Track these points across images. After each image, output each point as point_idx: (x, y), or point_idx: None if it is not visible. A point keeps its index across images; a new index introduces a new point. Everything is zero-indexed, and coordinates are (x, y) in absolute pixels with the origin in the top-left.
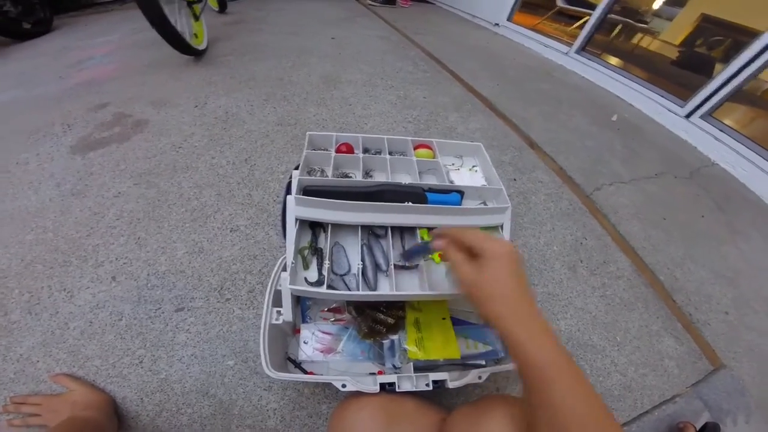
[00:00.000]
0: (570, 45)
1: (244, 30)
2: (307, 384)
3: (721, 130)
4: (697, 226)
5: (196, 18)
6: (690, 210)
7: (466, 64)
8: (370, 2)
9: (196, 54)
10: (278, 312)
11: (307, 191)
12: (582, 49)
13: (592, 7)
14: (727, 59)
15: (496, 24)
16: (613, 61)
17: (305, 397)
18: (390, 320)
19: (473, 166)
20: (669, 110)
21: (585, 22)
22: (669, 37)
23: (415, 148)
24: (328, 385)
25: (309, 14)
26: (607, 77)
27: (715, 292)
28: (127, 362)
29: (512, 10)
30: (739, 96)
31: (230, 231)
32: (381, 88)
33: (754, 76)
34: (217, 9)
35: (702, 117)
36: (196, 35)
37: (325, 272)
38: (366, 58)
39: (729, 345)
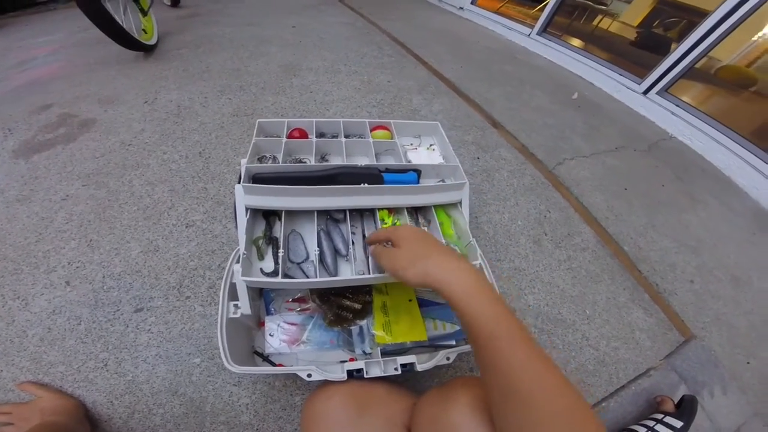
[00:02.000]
0: (532, 27)
1: (198, 22)
2: (277, 376)
3: (677, 105)
4: (658, 195)
5: (144, 13)
6: (650, 180)
7: (431, 47)
8: None
9: (145, 49)
10: (236, 306)
11: (257, 179)
12: (543, 31)
13: None
14: (681, 39)
15: (461, 8)
16: (575, 42)
17: (277, 390)
18: (357, 306)
19: (431, 145)
20: (627, 87)
21: (546, 4)
22: (628, 18)
23: (372, 130)
24: (299, 377)
25: (269, 4)
26: (568, 57)
27: (679, 261)
28: (91, 366)
29: None
30: (695, 75)
31: (186, 227)
32: (344, 74)
33: (704, 54)
34: (169, 3)
35: (658, 93)
36: (144, 30)
37: (280, 261)
38: (329, 45)
39: (697, 315)
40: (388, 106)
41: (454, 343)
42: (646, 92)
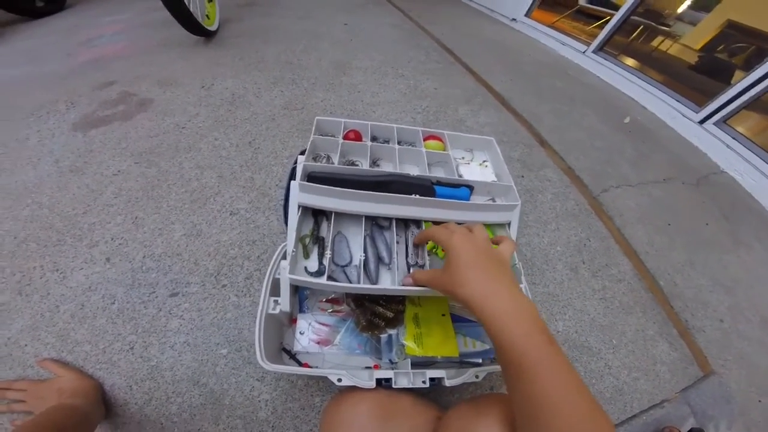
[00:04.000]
0: (588, 44)
1: (256, 13)
2: (300, 376)
3: (733, 138)
4: (701, 233)
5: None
6: (695, 217)
7: (480, 57)
8: None
9: (207, 35)
10: (275, 301)
11: (312, 178)
12: (600, 49)
13: (615, 7)
14: (748, 67)
15: (513, 19)
16: (630, 62)
17: (298, 389)
18: (389, 314)
19: (484, 161)
20: (683, 115)
21: (605, 22)
22: (690, 41)
23: (424, 139)
24: (323, 378)
25: (321, 0)
26: (623, 78)
27: (712, 300)
28: (117, 348)
29: (531, 5)
30: (754, 104)
31: (230, 214)
32: (391, 77)
33: None
34: None
35: (716, 124)
36: (208, 16)
37: (326, 262)
38: (377, 46)
39: (720, 352)
40: (433, 114)
41: (480, 361)
42: (702, 122)
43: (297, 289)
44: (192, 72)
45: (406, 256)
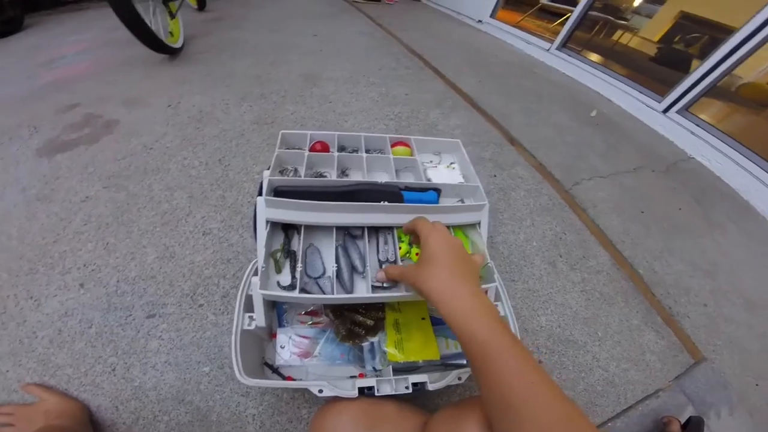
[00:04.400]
0: (552, 41)
1: (223, 27)
2: (286, 389)
3: (697, 125)
4: (675, 219)
5: (172, 16)
6: (667, 203)
7: (449, 60)
8: None
9: (172, 52)
10: (251, 317)
11: (279, 192)
12: (563, 46)
13: (574, 3)
14: (703, 56)
15: (480, 21)
16: (594, 57)
17: (284, 402)
18: (369, 322)
19: (451, 163)
20: (647, 106)
21: (566, 19)
22: (648, 33)
23: (392, 146)
24: (307, 390)
25: (292, 11)
26: (587, 73)
27: (694, 285)
28: (99, 370)
29: (496, 6)
30: (714, 92)
31: (203, 234)
32: (363, 85)
33: (728, 72)
34: (195, 6)
35: (678, 112)
36: (171, 33)
37: (297, 276)
38: (348, 55)
39: (709, 337)
40: (405, 120)
41: (464, 362)
42: (666, 111)
43: (275, 304)
44: (158, 91)
45: (377, 253)
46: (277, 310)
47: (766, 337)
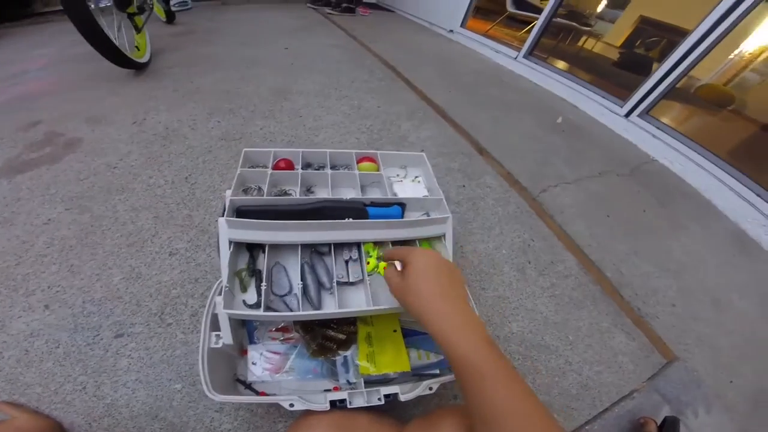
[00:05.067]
0: (519, 50)
1: (192, 41)
2: (260, 404)
3: (658, 128)
4: (640, 221)
5: (138, 30)
6: (632, 206)
7: (421, 71)
8: (329, 11)
9: (137, 67)
10: (217, 336)
11: (241, 212)
12: (530, 54)
13: (539, 11)
14: (662, 59)
15: (451, 30)
16: (560, 64)
17: (259, 417)
18: (341, 336)
19: (416, 177)
20: (610, 110)
21: (533, 27)
22: (611, 39)
23: (359, 161)
24: (284, 406)
25: (264, 25)
26: (553, 80)
27: (661, 285)
28: (69, 389)
29: (465, 16)
30: (674, 94)
31: (169, 255)
32: (334, 99)
33: (684, 74)
34: (164, 19)
35: (639, 116)
36: (137, 47)
37: (263, 294)
38: (320, 68)
39: (679, 337)
40: (377, 132)
41: (438, 372)
42: (627, 115)
43: (245, 322)
44: (123, 107)
45: (346, 270)
46: (247, 327)
47: (734, 335)
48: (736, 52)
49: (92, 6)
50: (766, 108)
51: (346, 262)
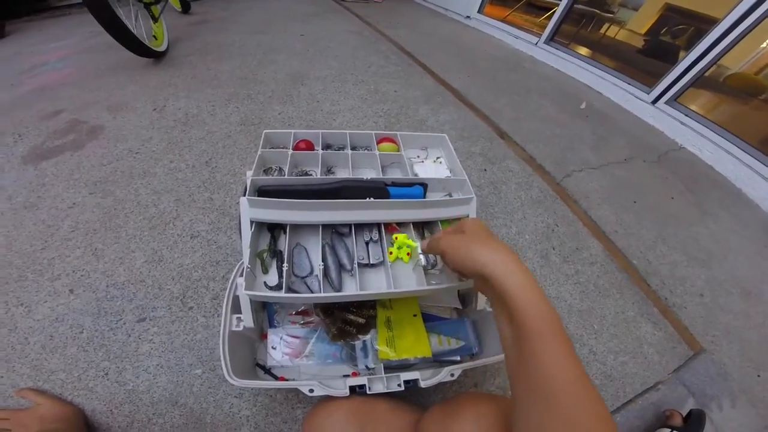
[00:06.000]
0: (539, 36)
1: (208, 30)
2: (279, 389)
3: (686, 115)
4: (668, 208)
5: (155, 19)
6: (660, 192)
7: (438, 56)
8: None
9: (156, 56)
10: (238, 319)
11: (263, 191)
12: (551, 40)
13: None
14: (689, 47)
15: (468, 16)
16: (582, 51)
17: (278, 403)
18: (360, 320)
19: (437, 158)
20: (636, 97)
21: (553, 13)
22: (635, 26)
23: (378, 142)
24: (299, 390)
25: (277, 12)
26: (575, 66)
27: (689, 275)
28: (92, 375)
29: (483, 1)
30: (703, 82)
31: (191, 237)
32: (351, 84)
33: (714, 62)
34: (180, 9)
35: (667, 102)
36: (155, 37)
37: (284, 276)
38: (336, 54)
39: (707, 328)
40: (394, 117)
41: (458, 358)
42: (654, 102)
43: (265, 305)
44: (142, 95)
45: (367, 252)
46: (267, 310)
47: (764, 327)
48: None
49: None
50: None
51: (367, 243)
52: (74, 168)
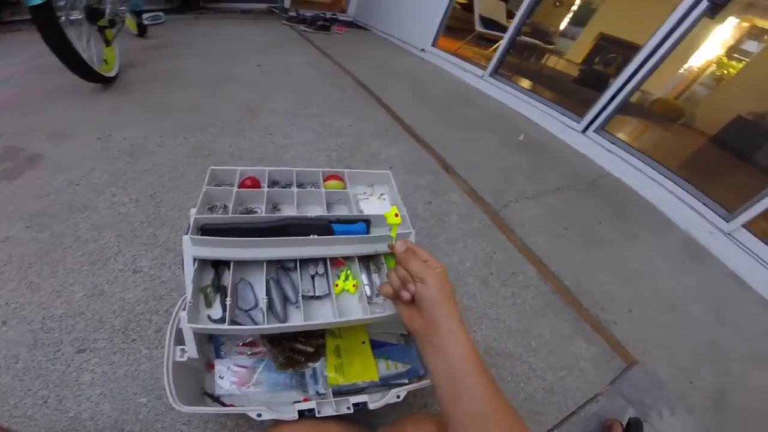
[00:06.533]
0: (485, 68)
1: (163, 55)
2: (229, 416)
3: (612, 143)
4: (596, 233)
5: (108, 43)
6: (589, 218)
7: (393, 90)
8: (304, 29)
9: (105, 81)
10: (182, 350)
11: (206, 230)
12: (495, 72)
13: (505, 30)
14: (618, 74)
15: (422, 49)
16: (524, 83)
17: (228, 430)
18: (309, 349)
19: (381, 194)
20: (569, 126)
21: (499, 45)
22: (573, 56)
23: (325, 180)
24: (252, 417)
25: (237, 40)
26: (516, 99)
27: (618, 293)
28: (29, 402)
29: (436, 35)
30: (630, 109)
31: (133, 272)
32: (305, 117)
33: (636, 88)
34: (136, 32)
35: (596, 131)
36: (105, 61)
37: (228, 309)
38: (292, 86)
39: (638, 341)
40: (348, 150)
41: (406, 381)
42: (584, 130)
43: (211, 337)
44: (87, 122)
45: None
46: (214, 342)
47: (691, 338)
48: (685, 66)
49: (62, 17)
50: (712, 120)
51: (313, 276)
52: (9, 199)
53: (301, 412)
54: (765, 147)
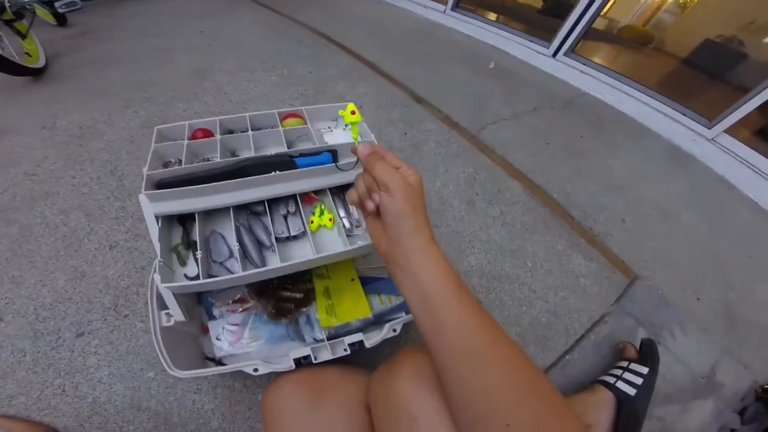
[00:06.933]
0: (446, 3)
1: (91, 40)
2: (236, 378)
3: (585, 65)
4: (579, 145)
5: (23, 36)
6: (569, 133)
7: (352, 33)
8: None
9: (33, 73)
10: (167, 314)
11: (161, 185)
12: (456, 6)
13: None
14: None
15: None
16: (490, 16)
17: (238, 392)
18: (297, 295)
19: (346, 125)
20: (538, 53)
21: None
22: None
23: (283, 119)
24: (260, 374)
25: (173, 13)
26: (482, 30)
27: (608, 202)
28: (50, 393)
29: None
30: (599, 36)
31: (109, 248)
32: (260, 71)
33: (597, 13)
34: (54, 23)
35: (566, 54)
36: (28, 54)
37: (200, 263)
38: (242, 45)
39: (636, 254)
40: (312, 96)
41: (403, 314)
42: (554, 54)
43: (200, 300)
44: (27, 115)
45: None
46: (204, 304)
47: (689, 249)
48: None
49: None
50: (681, 44)
51: (285, 217)
52: None
53: (297, 361)
54: (735, 67)
